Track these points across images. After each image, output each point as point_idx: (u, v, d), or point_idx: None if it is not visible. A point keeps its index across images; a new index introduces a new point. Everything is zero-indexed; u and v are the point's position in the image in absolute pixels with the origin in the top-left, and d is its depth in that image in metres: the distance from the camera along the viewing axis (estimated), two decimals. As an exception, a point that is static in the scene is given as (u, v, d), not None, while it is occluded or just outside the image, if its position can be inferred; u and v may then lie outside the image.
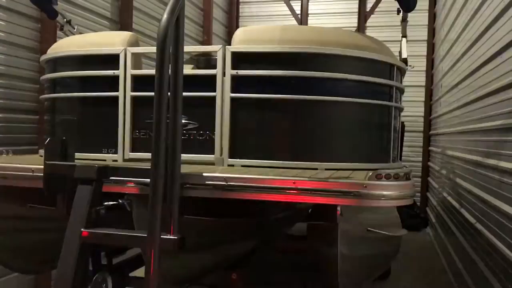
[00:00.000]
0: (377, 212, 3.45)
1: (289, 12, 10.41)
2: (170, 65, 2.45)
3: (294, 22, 10.32)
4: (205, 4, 9.36)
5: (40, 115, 5.24)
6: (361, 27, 9.80)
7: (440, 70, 8.59)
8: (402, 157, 5.84)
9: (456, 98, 6.55)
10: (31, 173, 3.11)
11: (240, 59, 3.41)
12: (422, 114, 9.79)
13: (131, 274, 4.29)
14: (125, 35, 3.76)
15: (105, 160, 3.61)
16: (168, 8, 2.35)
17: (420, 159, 9.84)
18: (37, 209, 3.49)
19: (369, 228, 3.05)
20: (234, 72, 3.39)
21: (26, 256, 3.77)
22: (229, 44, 3.49)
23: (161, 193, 2.34)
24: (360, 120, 3.48)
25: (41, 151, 4.19)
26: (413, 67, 5.00)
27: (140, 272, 4.48)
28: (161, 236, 2.37)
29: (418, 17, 9.33)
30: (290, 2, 10.44)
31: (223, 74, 3.41)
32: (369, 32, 9.61)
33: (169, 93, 2.48)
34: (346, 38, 3.56)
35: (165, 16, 2.33)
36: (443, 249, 7.11)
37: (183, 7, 2.44)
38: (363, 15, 9.88)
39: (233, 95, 3.40)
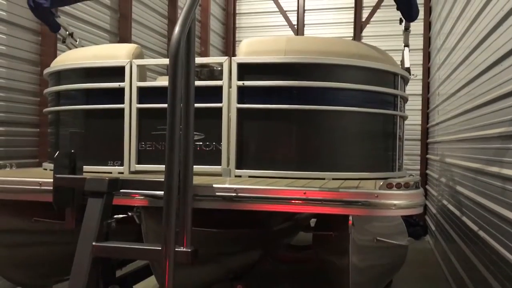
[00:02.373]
0: (384, 221, 3.45)
1: (286, 23, 10.50)
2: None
3: (291, 32, 10.40)
4: (202, 16, 9.41)
5: (41, 128, 5.22)
6: (357, 36, 9.89)
7: (436, 79, 8.64)
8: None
9: (454, 106, 6.59)
10: (38, 187, 3.09)
11: (246, 70, 3.44)
12: (419, 122, 9.84)
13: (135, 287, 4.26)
14: (130, 47, 3.77)
15: (111, 173, 3.60)
16: (180, 20, 2.35)
17: (418, 167, 9.86)
18: (42, 222, 3.48)
19: (378, 238, 3.05)
20: (240, 83, 3.40)
21: (30, 270, 3.73)
22: (227, 55, 3.51)
23: (175, 205, 2.33)
24: (366, 129, 3.50)
25: (45, 164, 4.18)
26: (416, 76, 5.05)
27: (143, 285, 4.46)
28: (175, 249, 2.36)
29: (413, 26, 9.39)
30: (286, 13, 10.54)
31: (229, 85, 3.43)
32: (364, 42, 9.68)
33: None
34: (351, 48, 3.59)
35: (177, 28, 2.33)
36: (444, 257, 7.10)
37: (194, 19, 2.45)
38: (359, 25, 9.98)
39: (240, 105, 3.41)
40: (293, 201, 2.72)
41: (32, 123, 5.24)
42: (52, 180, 2.81)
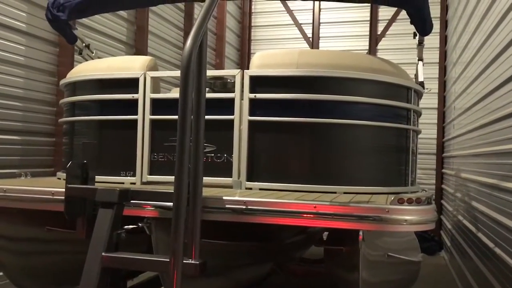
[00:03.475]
0: (396, 236, 3.40)
1: (301, 36, 10.54)
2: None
3: (306, 45, 10.43)
4: (218, 28, 9.50)
5: (57, 137, 5.29)
6: (372, 50, 9.88)
7: (452, 92, 8.57)
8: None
9: (470, 120, 6.52)
10: (51, 196, 3.12)
11: (258, 82, 3.45)
12: (435, 136, 9.74)
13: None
14: (144, 59, 3.81)
15: (123, 183, 3.63)
16: (192, 33, 2.38)
17: (433, 181, 9.74)
18: (54, 232, 3.50)
19: (389, 254, 3.00)
20: (252, 95, 3.42)
21: (41, 278, 3.76)
22: (241, 67, 3.53)
23: (184, 217, 2.33)
24: (378, 143, 3.47)
25: (59, 174, 4.23)
26: (430, 90, 5.01)
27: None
28: (183, 261, 2.35)
29: (429, 39, 9.34)
30: (302, 26, 10.58)
31: (241, 97, 3.44)
32: (380, 55, 9.66)
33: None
34: (364, 61, 3.58)
35: (189, 41, 2.35)
36: (459, 273, 6.98)
37: (206, 32, 2.47)
38: (374, 38, 9.97)
39: (251, 118, 3.42)
40: (303, 215, 2.70)
41: (48, 132, 5.32)
42: (64, 190, 2.84)
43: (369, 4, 9.54)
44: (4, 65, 4.72)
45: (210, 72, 3.64)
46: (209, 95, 3.62)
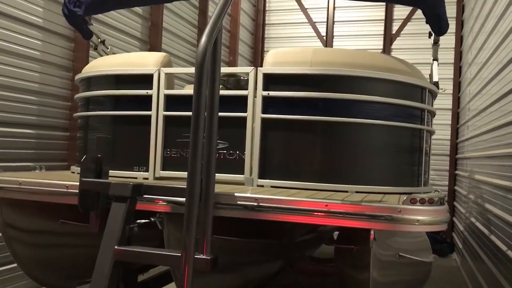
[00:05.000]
0: (407, 237, 3.39)
1: (315, 34, 10.51)
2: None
3: (320, 44, 10.39)
4: (232, 26, 9.51)
5: (71, 132, 5.35)
6: (386, 49, 9.82)
7: (467, 94, 8.49)
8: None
9: (485, 122, 6.46)
10: (65, 189, 3.16)
11: (271, 80, 3.45)
12: (448, 137, 9.66)
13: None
14: (159, 55, 3.83)
15: (136, 178, 3.66)
16: (206, 31, 2.39)
17: (446, 183, 9.66)
18: (68, 225, 3.55)
19: (401, 254, 2.99)
20: (265, 93, 3.42)
21: (55, 271, 3.81)
22: (255, 65, 3.53)
23: (196, 212, 2.35)
24: (391, 142, 3.45)
25: (73, 168, 4.28)
26: (445, 90, 4.97)
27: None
28: (195, 256, 2.37)
29: (444, 39, 9.25)
30: (316, 24, 10.55)
31: (255, 95, 3.44)
32: (394, 55, 9.60)
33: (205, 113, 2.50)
34: (378, 60, 3.57)
35: (203, 38, 2.37)
36: (471, 276, 6.92)
37: (220, 29, 2.49)
38: (388, 37, 9.91)
39: (264, 115, 3.42)
40: (314, 213, 2.70)
41: (63, 127, 5.37)
42: (78, 183, 2.88)
43: (384, 3, 9.49)
44: (21, 60, 4.78)
45: (224, 69, 3.64)
46: (222, 92, 3.64)
